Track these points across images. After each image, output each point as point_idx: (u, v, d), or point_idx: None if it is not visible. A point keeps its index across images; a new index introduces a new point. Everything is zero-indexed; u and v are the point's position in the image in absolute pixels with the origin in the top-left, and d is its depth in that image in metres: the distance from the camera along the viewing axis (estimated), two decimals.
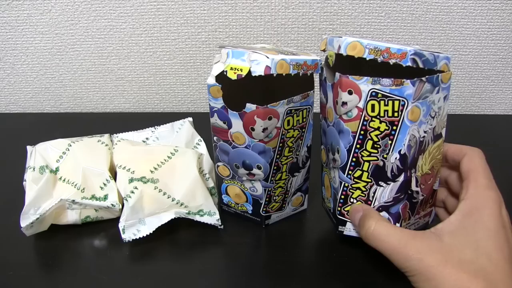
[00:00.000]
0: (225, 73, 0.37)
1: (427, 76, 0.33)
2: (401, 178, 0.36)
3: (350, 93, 0.34)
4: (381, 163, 0.36)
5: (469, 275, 0.29)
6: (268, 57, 0.35)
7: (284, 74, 0.36)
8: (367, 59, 0.33)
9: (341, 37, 0.34)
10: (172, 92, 0.72)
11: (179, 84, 0.71)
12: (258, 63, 0.35)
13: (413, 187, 0.38)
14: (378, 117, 0.34)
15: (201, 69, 0.70)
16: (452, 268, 0.30)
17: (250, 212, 0.45)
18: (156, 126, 0.54)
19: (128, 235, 0.41)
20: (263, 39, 0.67)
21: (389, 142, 0.35)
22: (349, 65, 0.36)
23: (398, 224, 0.39)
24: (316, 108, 0.40)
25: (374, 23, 0.65)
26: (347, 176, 0.38)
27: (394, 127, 0.34)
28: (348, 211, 0.40)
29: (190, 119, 0.55)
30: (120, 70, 0.70)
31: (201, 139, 0.52)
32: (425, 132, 0.36)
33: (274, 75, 0.35)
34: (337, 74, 0.35)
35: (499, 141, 0.63)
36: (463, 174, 0.36)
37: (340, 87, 0.35)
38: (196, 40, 0.67)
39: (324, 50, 0.38)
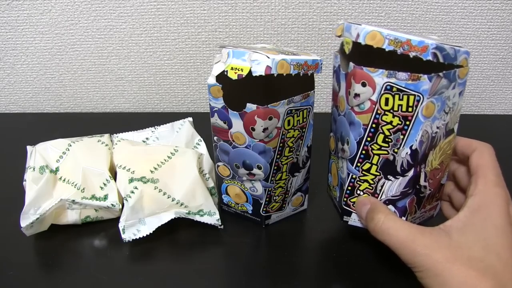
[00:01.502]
0: (225, 73, 0.37)
1: (444, 72, 0.32)
2: (411, 173, 0.36)
3: (363, 85, 0.33)
4: (391, 157, 0.35)
5: (478, 273, 0.29)
6: (268, 57, 0.35)
7: (284, 74, 0.36)
8: (386, 50, 0.32)
9: (360, 24, 0.33)
10: (172, 92, 0.72)
11: (179, 84, 0.71)
12: (259, 63, 0.35)
13: (422, 182, 0.37)
14: (391, 111, 0.34)
15: (201, 69, 0.70)
16: (461, 265, 0.30)
17: (250, 212, 0.45)
18: (156, 126, 0.54)
19: (128, 235, 0.41)
20: (263, 39, 0.67)
21: (401, 137, 0.34)
22: (364, 54, 0.35)
23: (403, 218, 0.38)
24: (316, 108, 0.40)
25: (374, 23, 0.65)
26: (355, 168, 0.37)
27: (407, 122, 0.34)
28: (354, 202, 0.39)
29: (190, 119, 0.55)
30: (120, 70, 0.70)
31: (201, 139, 0.52)
32: (437, 128, 0.35)
33: (275, 75, 0.35)
34: (351, 64, 0.34)
35: (499, 141, 0.63)
36: (472, 169, 0.36)
37: (353, 78, 0.34)
38: (196, 40, 0.67)
39: (339, 36, 0.37)
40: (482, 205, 0.32)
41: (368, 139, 0.35)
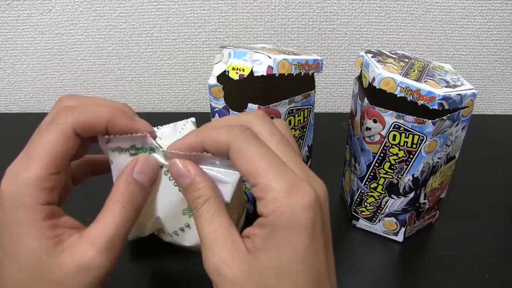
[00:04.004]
0: (227, 73, 0.37)
1: (448, 115, 0.35)
2: (411, 195, 0.40)
3: (375, 121, 0.37)
4: (395, 181, 0.39)
5: None
6: (270, 57, 0.35)
7: (286, 74, 0.36)
8: (398, 96, 0.35)
9: (377, 68, 0.37)
10: (172, 92, 0.72)
11: (179, 84, 0.71)
12: (260, 63, 0.35)
13: (421, 200, 0.41)
14: (398, 145, 0.37)
15: (201, 69, 0.70)
16: None
17: (251, 212, 0.45)
18: (159, 126, 0.54)
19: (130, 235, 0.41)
20: (263, 39, 0.67)
21: (405, 166, 0.38)
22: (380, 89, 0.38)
23: (403, 228, 0.42)
24: (317, 109, 0.41)
25: (374, 23, 0.65)
26: (364, 185, 0.42)
27: (411, 156, 0.37)
28: (362, 211, 0.44)
29: (193, 119, 0.55)
30: (120, 70, 0.70)
31: None
32: (439, 158, 0.39)
33: (276, 75, 0.35)
34: (366, 101, 0.37)
35: (499, 141, 0.63)
36: (244, 177, 0.25)
37: (366, 113, 0.37)
38: (196, 40, 0.67)
39: (359, 68, 0.40)
40: (277, 225, 0.23)
41: (376, 164, 0.40)
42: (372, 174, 0.40)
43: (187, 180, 0.26)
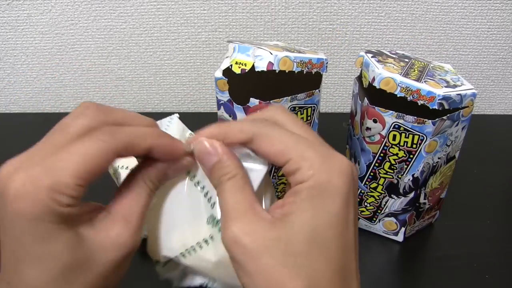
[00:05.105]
0: (230, 67, 0.37)
1: (448, 115, 0.35)
2: (411, 195, 0.40)
3: (375, 121, 0.37)
4: (395, 181, 0.40)
5: (290, 270, 0.22)
6: (271, 53, 0.35)
7: (287, 71, 0.36)
8: (398, 96, 0.36)
9: (378, 68, 0.37)
10: (172, 92, 0.72)
11: (179, 84, 0.71)
12: (262, 59, 0.35)
13: (421, 200, 0.41)
14: (398, 145, 0.37)
15: (201, 69, 0.70)
16: (271, 258, 0.22)
17: None
18: None
19: None
20: (263, 39, 0.67)
21: (405, 166, 0.38)
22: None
23: (403, 228, 0.42)
24: (323, 109, 0.41)
25: (374, 23, 0.65)
26: (364, 185, 0.42)
27: (411, 156, 0.37)
28: (362, 211, 0.44)
29: (177, 115, 0.54)
30: (120, 70, 0.70)
31: (192, 132, 0.50)
32: (439, 158, 0.39)
33: (277, 71, 0.35)
34: (366, 101, 0.38)
35: (499, 141, 0.63)
36: (271, 159, 0.25)
37: (366, 113, 0.38)
38: (196, 40, 0.67)
39: (359, 68, 0.41)
40: (314, 188, 0.23)
41: (376, 164, 0.40)
42: (372, 174, 0.40)
43: (213, 158, 0.26)
